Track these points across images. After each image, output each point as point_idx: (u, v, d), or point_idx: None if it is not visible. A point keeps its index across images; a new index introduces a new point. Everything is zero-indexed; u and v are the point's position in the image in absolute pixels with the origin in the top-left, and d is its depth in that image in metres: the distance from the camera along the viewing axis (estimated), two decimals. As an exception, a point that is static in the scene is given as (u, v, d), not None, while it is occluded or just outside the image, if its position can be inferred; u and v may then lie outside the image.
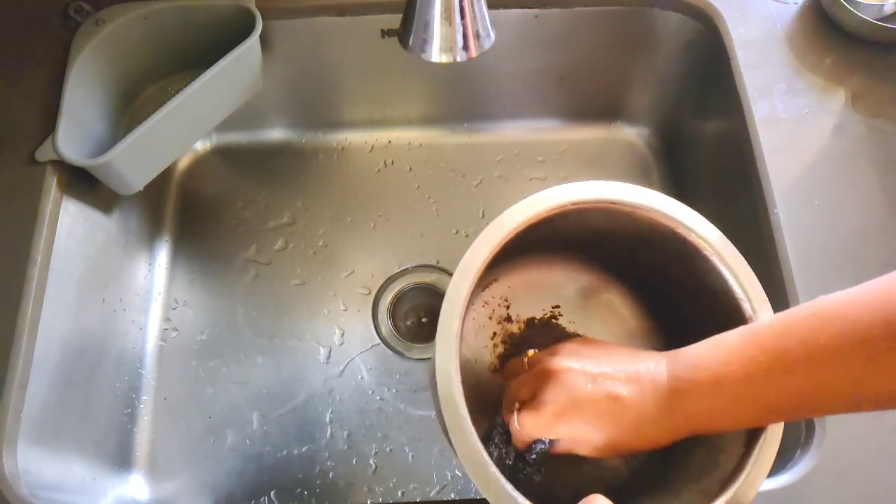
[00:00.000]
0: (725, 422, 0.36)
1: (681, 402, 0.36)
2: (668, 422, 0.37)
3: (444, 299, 0.39)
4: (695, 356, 0.37)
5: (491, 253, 0.41)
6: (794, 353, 0.33)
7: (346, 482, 0.62)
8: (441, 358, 0.38)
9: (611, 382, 0.38)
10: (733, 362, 0.35)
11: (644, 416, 0.37)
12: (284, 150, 0.78)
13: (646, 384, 0.37)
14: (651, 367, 0.38)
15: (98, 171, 0.56)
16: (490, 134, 0.79)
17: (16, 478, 0.46)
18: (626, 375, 0.38)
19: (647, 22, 0.67)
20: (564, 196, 0.43)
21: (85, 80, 0.58)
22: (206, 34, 0.62)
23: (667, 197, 0.43)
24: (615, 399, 0.38)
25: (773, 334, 0.34)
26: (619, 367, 0.39)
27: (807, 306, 0.34)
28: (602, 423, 0.38)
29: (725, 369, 0.35)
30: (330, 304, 0.70)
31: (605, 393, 0.38)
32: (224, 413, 0.65)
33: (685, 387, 0.36)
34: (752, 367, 0.34)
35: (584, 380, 0.39)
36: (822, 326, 0.32)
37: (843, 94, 0.60)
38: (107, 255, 0.62)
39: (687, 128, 0.73)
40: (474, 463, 0.36)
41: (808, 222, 0.53)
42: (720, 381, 0.35)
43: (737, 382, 0.34)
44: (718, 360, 0.36)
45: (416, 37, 0.44)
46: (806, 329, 0.33)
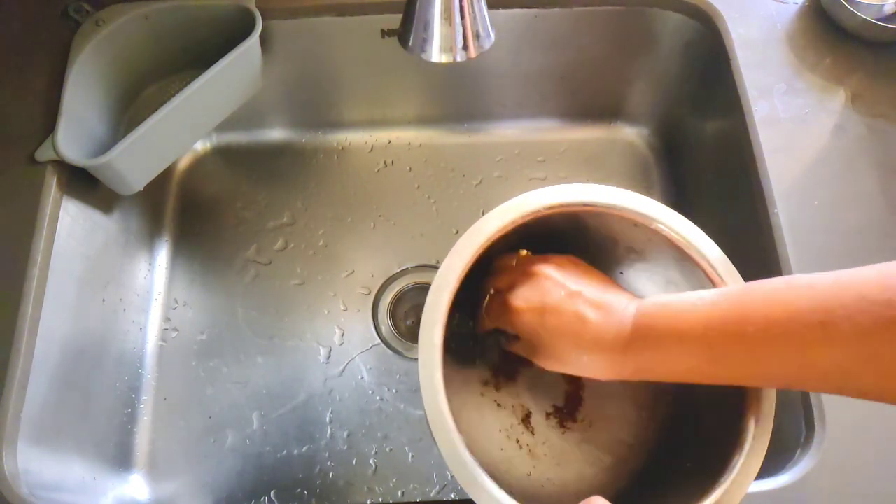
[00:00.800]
0: (674, 366, 0.36)
1: (637, 340, 0.37)
2: (618, 355, 0.38)
3: (424, 307, 0.40)
4: (664, 299, 0.38)
5: (471, 258, 0.41)
6: (755, 306, 0.33)
7: (346, 482, 0.62)
8: (424, 368, 0.38)
9: (582, 302, 0.39)
10: (697, 306, 0.36)
11: (600, 343, 0.38)
12: (284, 150, 0.78)
13: (613, 315, 0.39)
14: (623, 303, 0.39)
15: (98, 171, 0.56)
16: (490, 134, 0.79)
17: (16, 478, 0.46)
18: (598, 301, 0.39)
19: (647, 22, 0.67)
20: (541, 200, 0.43)
21: (85, 80, 0.58)
22: (206, 34, 0.62)
23: (643, 196, 0.44)
24: (580, 318, 0.39)
25: (741, 291, 0.35)
26: (596, 292, 0.40)
27: (782, 277, 0.34)
28: (560, 336, 0.39)
29: (686, 310, 0.36)
30: (330, 304, 0.70)
31: (574, 310, 0.39)
32: (224, 413, 0.65)
33: (645, 323, 0.37)
34: (712, 312, 0.35)
35: (560, 291, 0.40)
36: (788, 290, 0.33)
37: (843, 94, 0.60)
38: (107, 255, 0.62)
39: (687, 128, 0.73)
40: (464, 472, 0.36)
41: (808, 222, 0.53)
42: (676, 322, 0.36)
43: (690, 324, 0.35)
44: (684, 304, 0.37)
45: (416, 37, 0.44)
46: (773, 290, 0.34)
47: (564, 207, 0.43)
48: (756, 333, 0.33)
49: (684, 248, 0.42)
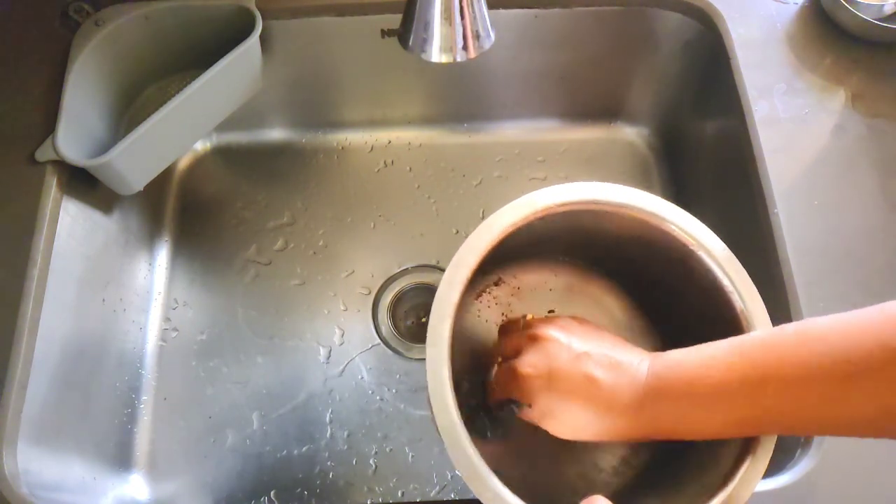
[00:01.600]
0: (692, 426, 0.36)
1: (652, 400, 0.36)
2: (635, 417, 0.37)
3: (433, 301, 0.39)
4: (678, 357, 0.37)
5: (482, 255, 0.41)
6: (772, 365, 0.33)
7: (346, 482, 0.62)
8: (432, 362, 0.38)
9: (591, 364, 0.38)
10: (712, 367, 0.35)
11: (614, 405, 0.37)
12: (284, 150, 0.78)
13: (624, 375, 0.38)
14: (635, 361, 0.38)
15: (98, 171, 0.56)
16: (490, 134, 0.79)
17: (16, 478, 0.46)
18: (608, 361, 0.38)
19: (647, 22, 0.67)
20: (553, 197, 0.43)
21: (85, 80, 0.58)
22: (206, 34, 0.62)
23: (653, 196, 0.44)
24: (591, 380, 0.38)
25: (755, 346, 0.35)
26: (604, 352, 0.39)
27: (795, 324, 0.34)
28: (572, 401, 0.38)
29: (702, 372, 0.35)
30: (330, 304, 0.70)
31: (583, 372, 0.38)
32: (224, 413, 0.65)
33: (660, 384, 0.36)
34: (729, 373, 0.34)
35: (567, 354, 0.39)
36: (803, 343, 0.32)
37: (843, 94, 0.60)
38: (107, 255, 0.62)
39: (687, 128, 0.73)
40: (468, 467, 0.36)
41: (808, 222, 0.53)
42: (694, 383, 0.35)
43: (710, 386, 0.34)
44: (699, 363, 0.36)
45: (416, 37, 0.44)
46: (787, 344, 0.33)
47: (574, 206, 0.43)
48: (775, 394, 0.32)
49: (693, 247, 0.42)
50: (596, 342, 0.40)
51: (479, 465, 0.36)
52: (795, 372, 0.32)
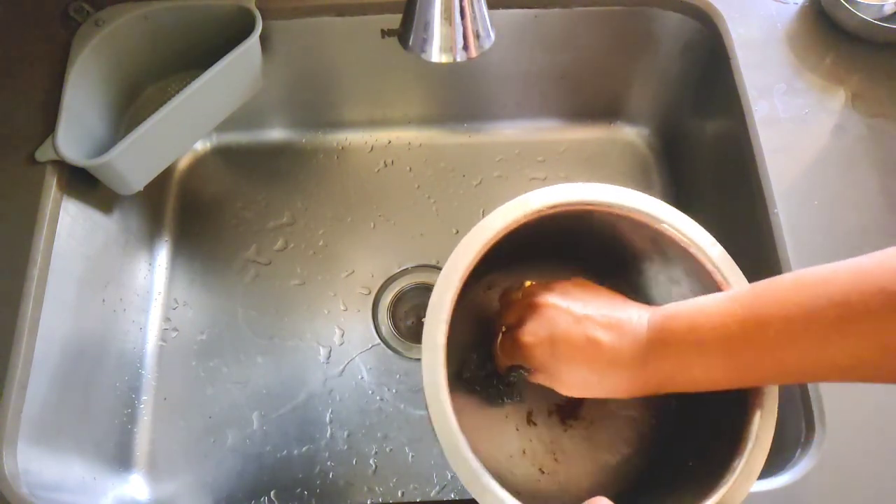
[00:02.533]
0: (694, 375, 0.36)
1: (655, 353, 0.37)
2: (639, 371, 0.37)
3: (427, 307, 0.39)
4: (676, 307, 0.38)
5: (475, 258, 0.41)
6: (770, 309, 0.33)
7: (346, 482, 0.62)
8: (428, 369, 0.38)
9: (592, 325, 0.39)
10: (711, 314, 0.35)
11: (617, 362, 0.38)
12: (284, 150, 0.78)
13: (625, 332, 0.38)
14: (634, 317, 0.39)
15: (98, 171, 0.56)
16: (490, 134, 0.79)
17: (16, 478, 0.46)
18: (608, 321, 0.39)
19: (647, 22, 0.67)
20: (543, 199, 0.43)
21: (85, 80, 0.58)
22: (206, 34, 0.62)
23: (646, 196, 0.44)
24: (593, 342, 0.38)
25: (753, 293, 0.35)
26: (603, 312, 0.39)
27: (792, 273, 0.34)
28: (576, 362, 0.39)
29: (701, 319, 0.36)
30: (330, 304, 0.70)
31: (584, 335, 0.39)
32: (224, 413, 0.65)
33: (661, 336, 0.37)
34: (728, 318, 0.35)
35: (567, 318, 0.40)
36: (801, 288, 0.33)
37: (843, 94, 0.60)
38: (107, 255, 0.62)
39: (687, 128, 0.73)
40: (467, 471, 0.36)
41: (808, 222, 0.53)
42: (694, 330, 0.36)
43: (710, 331, 0.35)
44: (697, 311, 0.36)
45: (416, 37, 0.44)
46: (785, 290, 0.34)
47: (566, 207, 0.43)
48: (776, 336, 0.33)
49: (688, 247, 0.42)
50: (595, 303, 0.40)
51: (477, 469, 0.36)
52: (795, 312, 0.32)
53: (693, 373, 0.36)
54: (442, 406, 0.37)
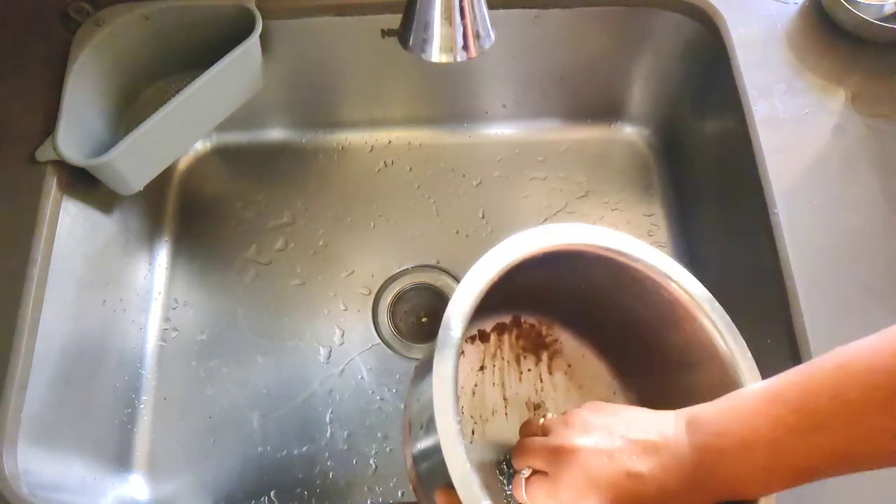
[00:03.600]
0: (756, 489, 0.34)
1: (708, 475, 0.34)
2: (694, 496, 0.35)
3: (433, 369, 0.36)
4: (715, 421, 0.35)
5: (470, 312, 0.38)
6: (824, 409, 0.31)
7: (346, 482, 0.62)
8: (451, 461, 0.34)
9: (628, 458, 0.36)
10: (759, 425, 0.33)
11: (668, 491, 0.35)
12: (284, 150, 0.78)
13: (665, 455, 0.35)
14: (668, 434, 0.36)
15: (98, 171, 0.56)
16: (490, 134, 0.79)
17: (16, 478, 0.46)
18: (643, 447, 0.36)
19: (647, 22, 0.67)
20: (529, 245, 0.41)
21: (85, 80, 0.58)
22: (206, 34, 0.62)
23: (626, 236, 0.42)
24: (635, 477, 0.35)
25: (796, 390, 0.32)
26: (634, 438, 0.36)
27: (827, 359, 0.32)
28: (622, 502, 0.35)
29: (753, 434, 0.33)
30: (330, 304, 0.70)
31: (624, 470, 0.35)
32: (224, 413, 0.65)
33: (711, 457, 0.34)
34: (781, 428, 0.32)
35: (600, 457, 0.36)
36: (848, 379, 0.31)
37: (843, 94, 0.60)
38: (107, 255, 0.62)
39: (687, 128, 0.73)
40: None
41: (808, 222, 0.53)
42: (749, 447, 0.33)
43: (766, 447, 0.32)
44: (743, 424, 0.33)
45: (416, 37, 0.44)
46: (832, 382, 0.31)
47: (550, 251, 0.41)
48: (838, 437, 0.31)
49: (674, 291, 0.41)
50: (620, 429, 0.37)
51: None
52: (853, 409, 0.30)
53: (753, 486, 0.33)
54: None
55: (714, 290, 0.42)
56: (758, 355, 0.40)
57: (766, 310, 0.54)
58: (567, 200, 0.75)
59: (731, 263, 0.63)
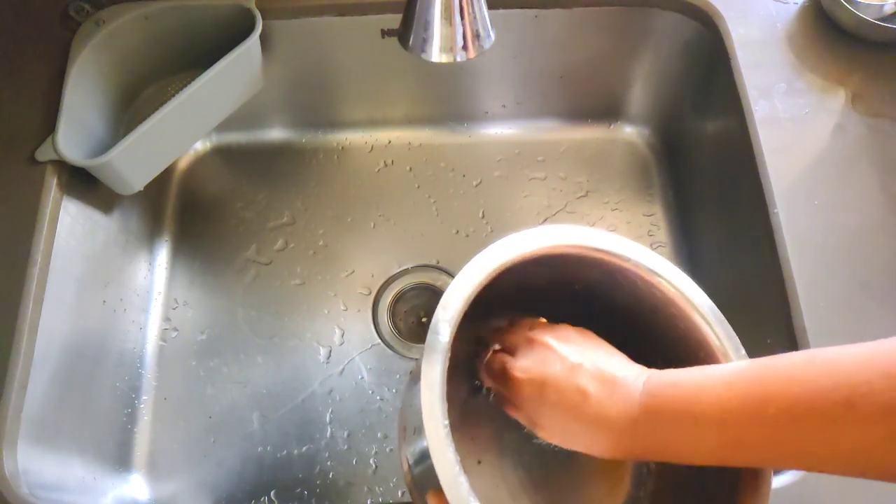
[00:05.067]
0: (683, 447, 0.35)
1: (646, 418, 0.35)
2: (626, 435, 0.36)
3: (421, 374, 0.36)
4: (675, 375, 0.36)
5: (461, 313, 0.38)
6: (774, 386, 0.32)
7: (346, 482, 0.62)
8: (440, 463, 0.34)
9: (585, 376, 0.37)
10: (711, 386, 0.34)
11: (603, 421, 0.36)
12: (284, 150, 0.78)
13: (618, 390, 0.37)
14: (630, 377, 0.37)
15: (98, 171, 0.56)
16: (490, 134, 0.79)
17: (16, 478, 0.46)
18: (601, 375, 0.37)
19: (647, 22, 0.67)
20: (523, 246, 0.41)
21: (85, 80, 0.58)
22: (206, 34, 0.62)
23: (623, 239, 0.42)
24: (582, 393, 0.37)
25: (757, 368, 0.33)
26: (598, 365, 0.38)
27: (803, 351, 0.33)
28: (560, 410, 0.38)
29: (700, 390, 0.34)
30: (330, 304, 0.70)
31: (575, 384, 0.37)
32: (224, 413, 0.65)
33: (654, 403, 0.35)
34: (728, 391, 0.33)
35: (561, 364, 0.38)
36: (809, 366, 0.31)
37: (843, 94, 0.60)
38: (107, 255, 0.62)
39: (687, 128, 0.73)
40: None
41: (808, 222, 0.53)
42: (690, 401, 0.34)
43: (707, 404, 0.33)
44: (697, 382, 0.35)
45: (416, 37, 0.44)
46: (792, 367, 0.32)
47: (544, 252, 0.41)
48: (777, 414, 0.31)
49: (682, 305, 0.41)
50: (593, 355, 0.39)
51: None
52: (799, 392, 0.30)
53: (683, 445, 0.34)
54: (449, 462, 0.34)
55: (714, 290, 0.42)
56: (758, 355, 0.40)
57: (766, 310, 0.54)
58: (567, 200, 0.75)
59: (730, 263, 0.63)
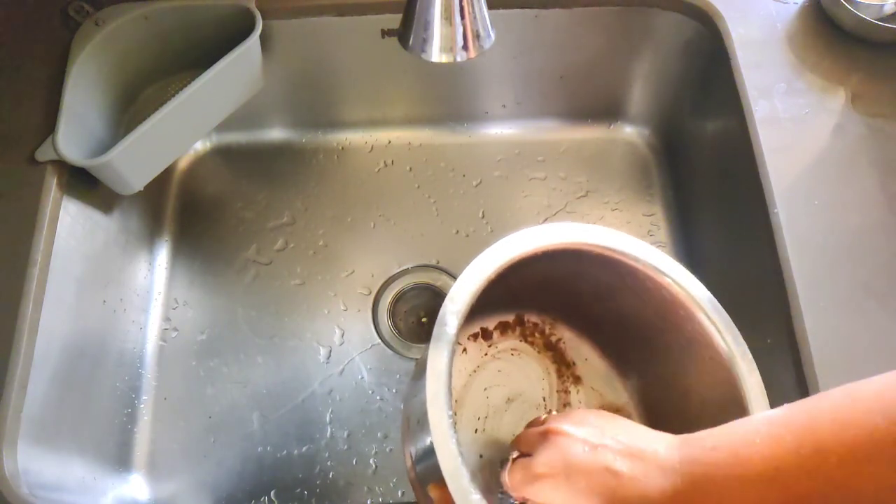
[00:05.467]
0: None
1: (693, 489, 0.33)
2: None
3: (427, 364, 0.36)
4: (710, 435, 0.34)
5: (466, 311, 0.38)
6: (826, 431, 0.29)
7: (346, 482, 0.62)
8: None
9: (611, 455, 0.35)
10: (756, 442, 0.31)
11: (644, 498, 0.34)
12: (284, 150, 0.78)
13: (650, 464, 0.34)
14: (660, 448, 0.35)
15: (98, 171, 0.56)
16: (490, 134, 0.79)
17: (16, 478, 0.46)
18: (629, 451, 0.35)
19: (647, 22, 0.67)
20: (529, 243, 0.41)
21: (85, 80, 0.58)
22: (206, 34, 0.62)
23: (630, 237, 0.42)
24: (613, 473, 0.35)
25: (799, 414, 0.31)
26: (623, 441, 0.36)
27: (835, 389, 0.31)
28: (593, 495, 0.35)
29: (747, 449, 0.31)
30: (330, 304, 0.70)
31: (603, 464, 0.35)
32: (224, 413, 0.65)
33: (700, 470, 0.32)
34: (778, 447, 0.30)
35: (583, 447, 0.36)
36: (856, 405, 0.29)
37: (843, 94, 0.60)
38: (107, 255, 0.62)
39: (687, 128, 0.73)
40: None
41: (808, 222, 0.53)
42: (741, 463, 0.31)
43: (759, 464, 0.30)
44: (739, 440, 0.32)
45: (416, 37, 0.44)
46: (838, 410, 0.30)
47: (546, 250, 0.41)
48: (840, 463, 0.28)
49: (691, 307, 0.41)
50: (614, 432, 0.37)
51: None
52: (858, 435, 0.28)
53: None
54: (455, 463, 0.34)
55: (714, 290, 0.42)
56: (758, 355, 0.40)
57: (766, 310, 0.54)
58: (567, 200, 0.75)
59: (731, 263, 0.63)
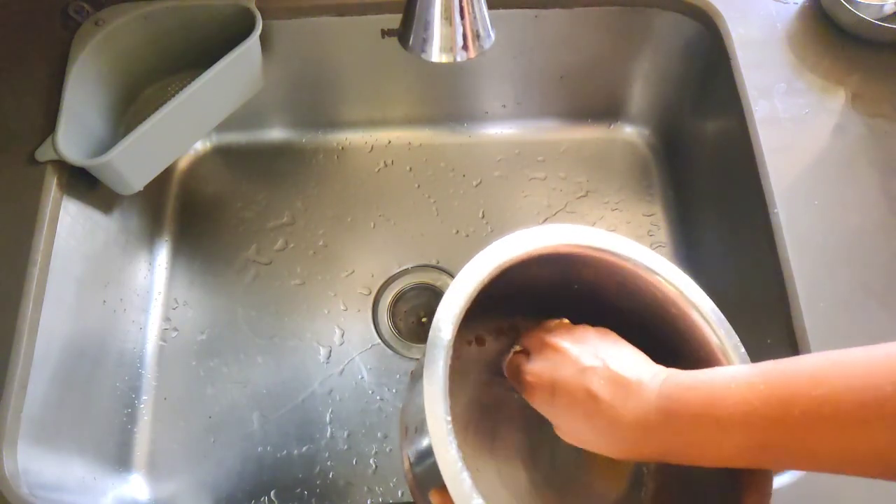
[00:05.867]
0: (703, 450, 0.34)
1: (663, 422, 0.35)
2: (641, 437, 0.35)
3: (424, 371, 0.36)
4: (692, 376, 0.35)
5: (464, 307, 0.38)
6: (800, 388, 0.31)
7: (346, 482, 0.62)
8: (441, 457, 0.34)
9: (596, 379, 0.37)
10: (732, 387, 0.33)
11: (616, 424, 0.36)
12: (284, 150, 0.78)
13: (632, 392, 0.36)
14: (645, 378, 0.36)
15: (98, 171, 0.56)
16: (490, 134, 0.79)
17: (16, 478, 0.46)
18: (614, 377, 0.37)
19: (647, 22, 0.67)
20: (527, 244, 0.40)
21: (85, 80, 0.58)
22: (206, 34, 0.62)
23: (626, 239, 0.42)
24: (593, 397, 0.36)
25: (779, 371, 0.32)
26: (613, 367, 0.37)
27: (820, 354, 0.32)
28: (571, 413, 0.38)
29: (721, 392, 0.33)
30: (330, 304, 0.70)
31: (586, 387, 0.37)
32: (224, 413, 0.65)
33: (673, 406, 0.34)
34: (751, 393, 0.32)
35: (572, 367, 0.38)
36: (833, 368, 0.30)
37: (843, 94, 0.60)
38: (107, 255, 0.62)
39: (687, 128, 0.73)
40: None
41: (808, 222, 0.53)
42: (713, 404, 0.33)
43: (730, 407, 0.32)
44: (717, 383, 0.34)
45: (416, 37, 0.44)
46: (816, 369, 0.31)
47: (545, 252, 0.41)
48: (802, 416, 0.30)
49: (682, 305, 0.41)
50: (608, 356, 0.38)
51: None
52: (826, 393, 0.30)
53: (704, 448, 0.33)
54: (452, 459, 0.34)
55: (714, 290, 0.42)
56: (758, 355, 0.40)
57: (766, 310, 0.54)
58: (567, 200, 0.75)
59: (731, 263, 0.63)
